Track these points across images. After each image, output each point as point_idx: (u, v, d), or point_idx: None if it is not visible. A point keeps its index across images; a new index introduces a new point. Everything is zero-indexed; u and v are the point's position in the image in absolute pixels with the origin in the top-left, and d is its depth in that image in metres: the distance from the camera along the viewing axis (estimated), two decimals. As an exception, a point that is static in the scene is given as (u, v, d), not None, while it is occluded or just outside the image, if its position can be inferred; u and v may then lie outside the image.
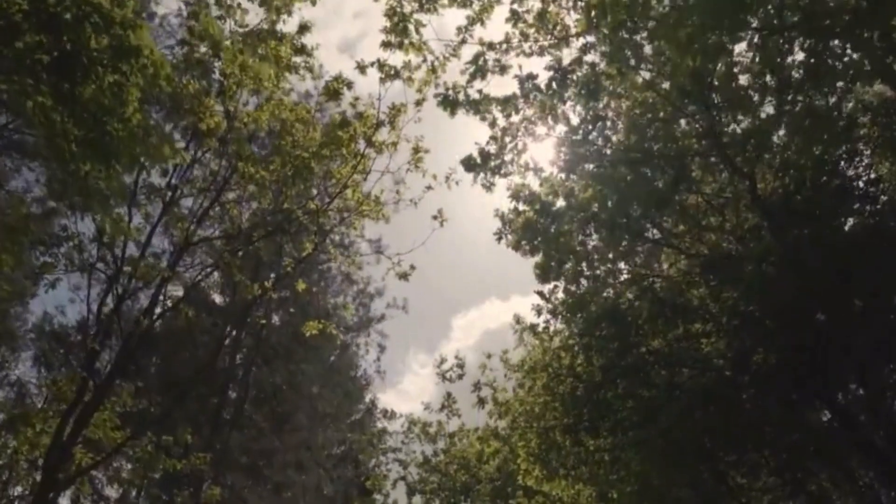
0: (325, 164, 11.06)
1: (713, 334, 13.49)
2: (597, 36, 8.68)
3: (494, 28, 11.79)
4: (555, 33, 8.83)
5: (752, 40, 8.48)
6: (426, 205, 12.63)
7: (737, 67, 9.78)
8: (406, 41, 9.03)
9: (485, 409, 16.21)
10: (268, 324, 23.42)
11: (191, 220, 11.21)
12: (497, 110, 9.71)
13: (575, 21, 8.66)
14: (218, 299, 26.06)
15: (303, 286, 11.23)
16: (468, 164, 10.12)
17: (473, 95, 9.40)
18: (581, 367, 13.34)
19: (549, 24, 8.79)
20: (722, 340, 13.32)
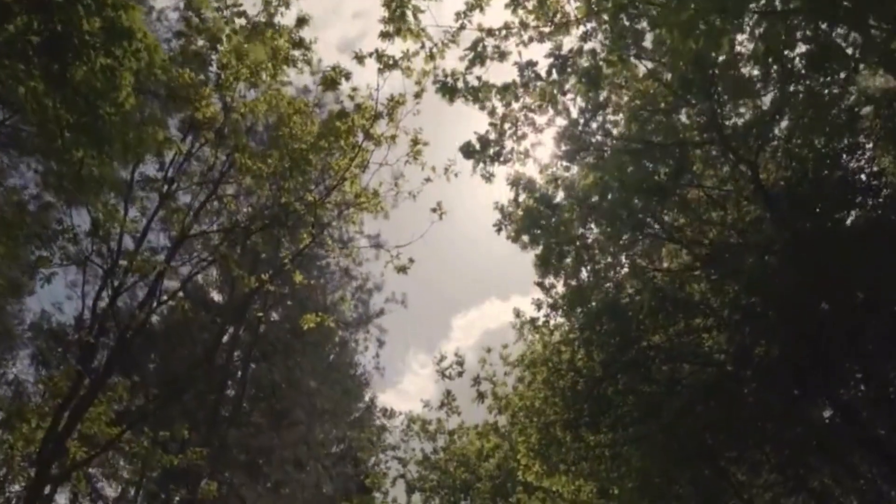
0: (323, 156, 10.96)
1: (714, 329, 13.40)
2: (597, 21, 8.59)
3: (494, 14, 11.65)
4: (555, 20, 8.73)
5: (754, 28, 8.39)
6: (425, 201, 12.55)
7: (739, 56, 9.67)
8: (404, 27, 8.93)
9: (484, 404, 16.11)
10: (266, 320, 23.32)
11: (188, 214, 11.10)
12: (496, 98, 9.61)
13: (575, 7, 8.56)
14: (217, 298, 26.00)
15: (300, 278, 11.11)
16: (467, 151, 10.00)
17: (472, 82, 9.30)
18: (581, 362, 13.24)
19: (549, 10, 8.68)
20: (723, 335, 13.22)
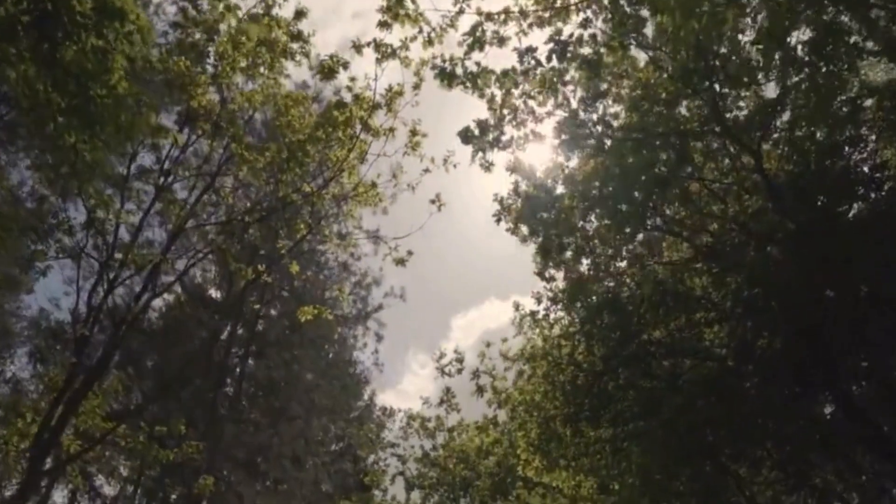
0: (321, 148, 10.84)
1: (715, 323, 13.30)
2: (598, 6, 8.47)
3: (493, -2, 11.41)
4: (555, 5, 8.61)
5: (756, 13, 8.28)
6: (424, 198, 12.39)
7: (741, 46, 9.55)
8: (402, 13, 8.81)
9: (483, 399, 15.99)
10: (265, 316, 23.23)
11: (184, 206, 10.99)
12: (495, 86, 9.48)
13: (576, -10, 8.45)
14: (216, 295, 25.90)
15: (296, 269, 10.99)
16: (465, 136, 9.87)
17: (471, 68, 9.16)
18: (582, 356, 13.14)
19: (549, -7, 8.57)
20: (724, 329, 13.12)
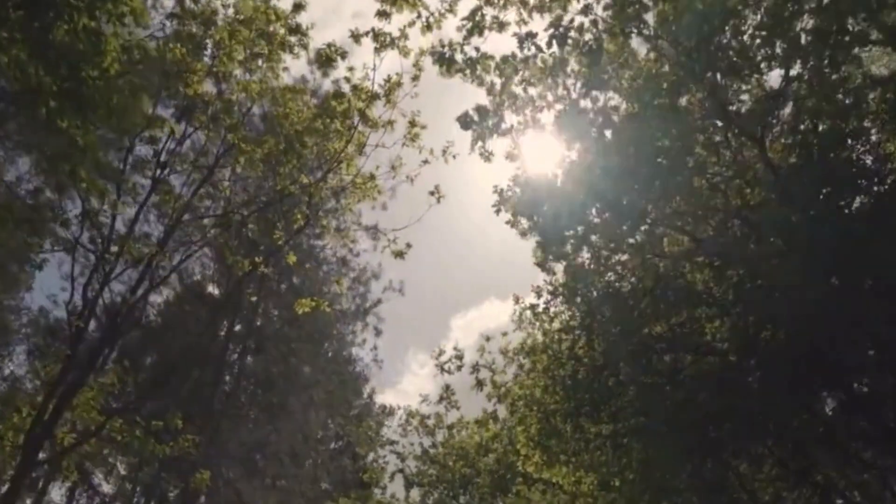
0: (319, 140, 10.74)
1: (717, 318, 13.19)
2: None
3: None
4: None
5: (759, 1, 8.18)
6: (423, 195, 12.27)
7: (744, 36, 9.43)
8: (401, -1, 8.71)
9: (483, 393, 15.86)
10: (263, 312, 23.14)
11: (179, 198, 10.88)
12: (495, 74, 9.36)
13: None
14: (215, 292, 25.83)
15: (293, 259, 10.89)
16: (465, 122, 9.74)
17: (471, 53, 9.05)
18: (582, 351, 13.02)
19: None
20: (726, 324, 13.01)
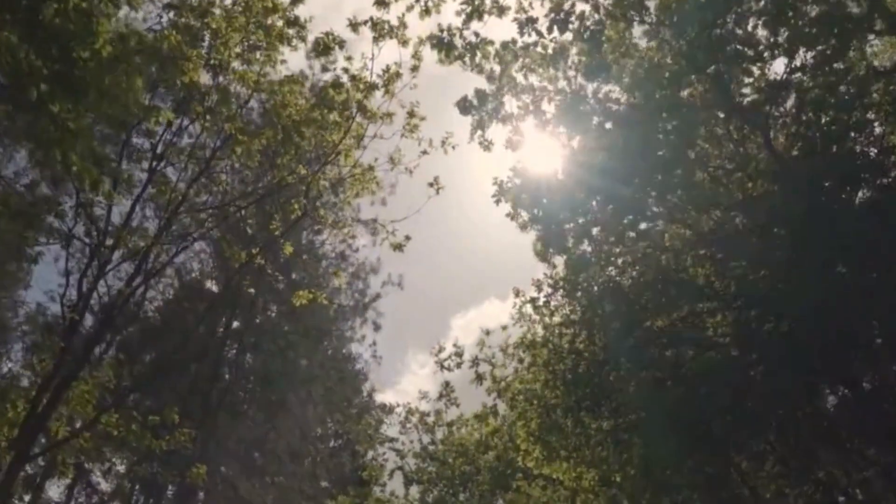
0: (317, 130, 10.61)
1: (718, 312, 13.08)
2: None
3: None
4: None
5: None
6: (423, 191, 12.14)
7: (748, 19, 9.32)
8: (400, -17, 8.60)
9: (483, 387, 15.75)
10: (262, 308, 23.03)
11: (174, 188, 10.77)
12: (494, 61, 9.23)
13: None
14: (214, 289, 25.72)
15: (289, 250, 10.78)
16: (464, 106, 9.61)
17: (470, 38, 8.92)
18: (583, 345, 12.92)
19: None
20: (727, 318, 12.91)
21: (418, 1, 8.91)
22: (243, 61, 11.58)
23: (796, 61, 10.00)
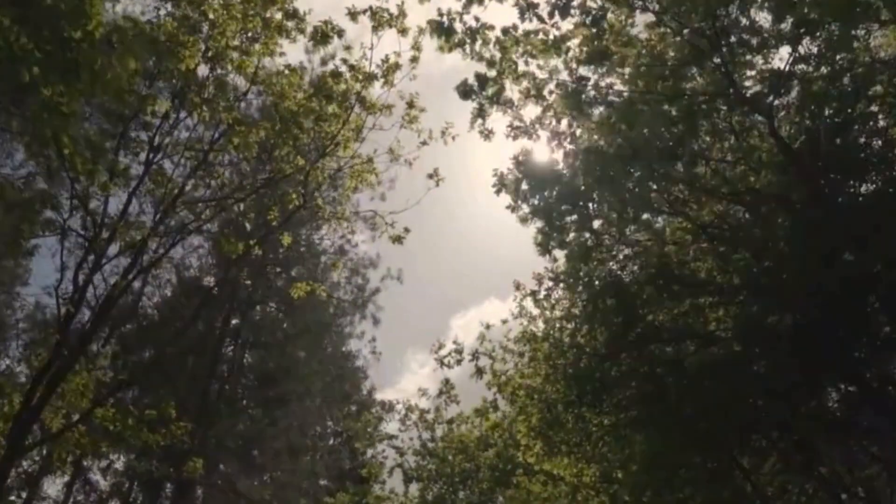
0: (315, 120, 10.50)
1: (720, 307, 12.98)
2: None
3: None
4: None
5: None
6: (422, 187, 12.02)
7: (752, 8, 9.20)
8: (399, -32, 8.48)
9: (482, 383, 15.62)
10: (261, 302, 22.93)
11: (171, 179, 10.66)
12: (495, 49, 9.11)
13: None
14: (212, 284, 25.62)
15: (288, 241, 10.67)
16: (464, 91, 9.49)
17: (470, 23, 8.80)
18: (584, 339, 12.80)
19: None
20: (730, 313, 12.80)
21: (417, -15, 8.81)
22: (241, 52, 11.48)
23: (800, 50, 9.89)
